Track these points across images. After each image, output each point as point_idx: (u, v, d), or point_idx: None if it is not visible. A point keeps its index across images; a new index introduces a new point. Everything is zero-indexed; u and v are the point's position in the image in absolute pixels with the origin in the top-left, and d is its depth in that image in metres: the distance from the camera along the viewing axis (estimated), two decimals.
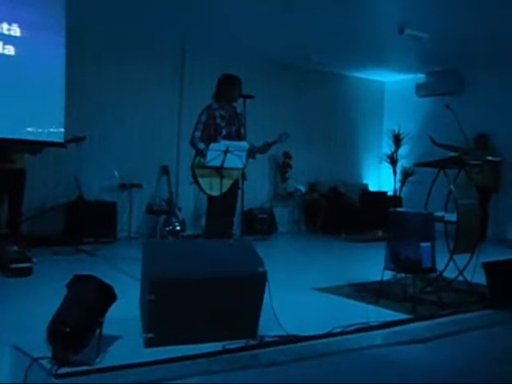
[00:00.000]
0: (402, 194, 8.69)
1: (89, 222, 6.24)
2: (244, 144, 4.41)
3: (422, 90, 8.67)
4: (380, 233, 7.60)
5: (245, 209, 4.54)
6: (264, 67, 7.87)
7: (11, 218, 4.89)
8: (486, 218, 6.86)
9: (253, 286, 2.74)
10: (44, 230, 6.07)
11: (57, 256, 5.34)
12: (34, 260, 4.41)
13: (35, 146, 4.73)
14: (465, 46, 6.78)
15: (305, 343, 2.78)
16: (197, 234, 6.82)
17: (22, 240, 4.80)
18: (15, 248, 4.41)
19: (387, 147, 9.03)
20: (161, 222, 6.71)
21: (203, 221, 6.57)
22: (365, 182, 9.20)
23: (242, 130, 4.67)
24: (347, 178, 8.77)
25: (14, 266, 4.24)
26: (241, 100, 4.55)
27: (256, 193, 7.59)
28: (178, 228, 6.68)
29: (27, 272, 4.29)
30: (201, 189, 4.57)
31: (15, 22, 4.35)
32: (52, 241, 5.88)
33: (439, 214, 3.87)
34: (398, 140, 8.85)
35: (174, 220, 6.70)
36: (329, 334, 2.93)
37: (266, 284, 2.78)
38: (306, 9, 5.61)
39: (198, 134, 4.60)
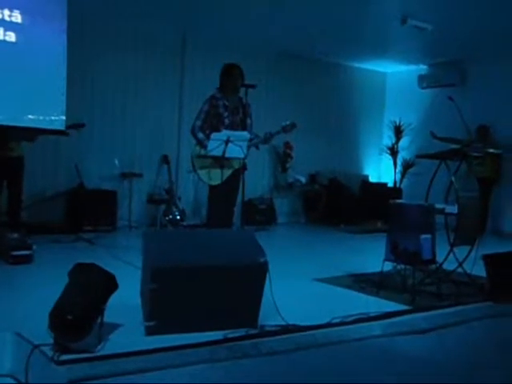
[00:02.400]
0: (402, 186, 8.69)
1: (89, 211, 6.24)
2: (245, 134, 4.39)
3: (424, 81, 8.63)
4: (379, 224, 7.60)
5: (245, 199, 4.53)
6: (266, 57, 7.82)
7: (11, 206, 4.89)
8: (486, 210, 6.87)
9: (254, 275, 2.75)
10: (44, 218, 6.07)
11: (57, 244, 5.36)
12: (35, 247, 4.42)
13: (31, 134, 4.70)
14: (468, 37, 6.74)
15: (305, 333, 2.80)
16: (196, 223, 6.82)
17: (23, 227, 4.80)
18: (16, 235, 4.42)
19: (388, 138, 9.01)
20: (161, 212, 6.72)
21: (203, 211, 6.59)
22: (365, 173, 9.19)
23: (248, 120, 4.64)
24: (347, 169, 8.76)
25: (14, 253, 4.26)
26: (243, 89, 4.52)
27: (256, 183, 7.59)
28: (178, 217, 6.68)
29: (28, 259, 4.31)
30: (200, 179, 4.57)
31: (17, 9, 4.31)
32: (52, 228, 5.88)
33: (440, 206, 3.87)
34: (398, 131, 8.83)
35: (173, 209, 6.71)
36: (328, 324, 2.94)
37: (267, 274, 2.79)
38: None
39: (198, 123, 4.58)
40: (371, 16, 6.13)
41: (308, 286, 3.98)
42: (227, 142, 4.26)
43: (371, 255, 4.55)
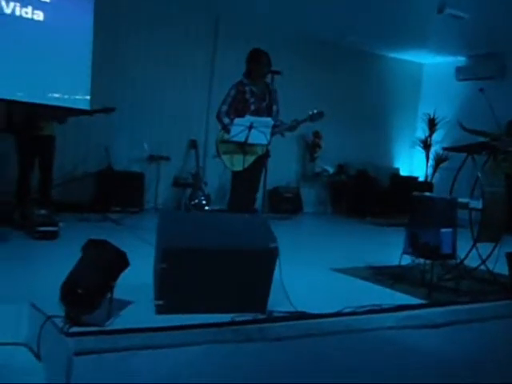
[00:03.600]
0: (434, 180, 8.50)
1: (117, 192, 6.37)
2: (268, 120, 4.36)
3: (461, 73, 8.37)
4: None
5: (271, 187, 4.53)
6: (297, 43, 7.74)
7: (41, 184, 5.03)
8: None
9: (263, 260, 2.75)
10: (74, 197, 6.22)
11: (84, 222, 5.49)
12: (61, 224, 4.55)
13: (60, 113, 4.80)
14: (508, 28, 6.47)
15: (313, 320, 2.78)
16: (222, 208, 6.86)
17: (52, 205, 4.93)
18: (43, 212, 4.55)
19: (421, 131, 8.81)
20: (186, 196, 6.79)
21: (228, 196, 6.63)
22: (396, 165, 9.02)
23: (275, 107, 4.62)
24: (377, 160, 8.61)
25: (41, 228, 4.39)
26: (269, 76, 4.49)
27: (283, 171, 7.56)
28: (204, 202, 6.74)
29: (53, 235, 4.44)
30: (223, 164, 4.59)
31: None
32: (81, 207, 6.03)
33: (464, 200, 3.76)
34: (432, 124, 8.62)
35: (199, 194, 6.77)
36: (338, 314, 2.92)
37: (277, 260, 2.78)
38: None
39: (224, 108, 4.59)
40: (407, 3, 5.97)
41: (324, 275, 3.95)
42: (250, 127, 4.25)
43: (394, 249, 4.45)
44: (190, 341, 2.46)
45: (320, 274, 3.96)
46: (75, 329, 2.37)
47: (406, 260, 3.82)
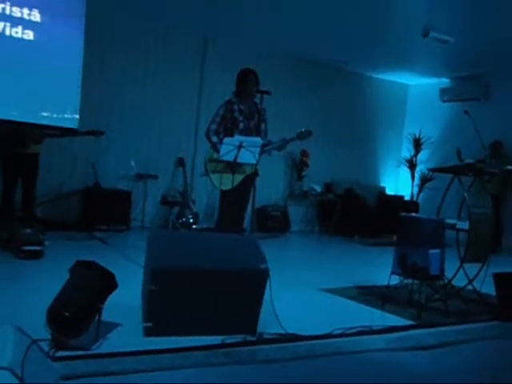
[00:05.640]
0: (420, 200, 8.58)
1: (103, 210, 6.31)
2: (257, 140, 4.38)
3: (446, 94, 8.53)
4: (395, 237, 7.50)
5: (258, 205, 4.53)
6: (285, 63, 7.83)
7: (24, 202, 4.97)
8: (499, 227, 6.70)
9: (254, 281, 2.74)
10: (60, 215, 6.15)
11: (70, 241, 5.42)
12: (47, 243, 4.49)
13: (48, 134, 4.76)
14: (492, 50, 6.63)
15: (303, 342, 2.76)
16: (210, 227, 6.83)
17: (37, 223, 4.86)
18: (28, 231, 4.48)
19: (407, 151, 8.92)
20: (174, 214, 6.76)
21: (217, 214, 6.60)
22: (382, 184, 9.10)
23: (263, 126, 4.64)
24: (364, 179, 8.69)
25: (26, 248, 4.32)
26: (258, 95, 4.52)
27: (270, 190, 7.58)
28: (191, 220, 6.71)
29: (38, 255, 4.37)
30: (212, 183, 4.58)
31: (36, 8, 4.39)
32: (67, 226, 5.96)
33: (451, 221, 3.80)
34: (418, 144, 8.73)
35: (187, 212, 6.74)
36: (329, 335, 2.91)
37: (268, 281, 2.77)
38: (329, 7, 5.56)
39: (213, 126, 4.60)
40: (393, 27, 6.10)
41: (312, 295, 3.94)
42: (240, 147, 4.26)
43: (381, 268, 4.47)
44: (179, 364, 2.42)
45: (308, 294, 3.95)
46: (62, 353, 2.33)
47: (394, 280, 3.83)
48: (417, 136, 8.72)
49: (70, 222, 6.14)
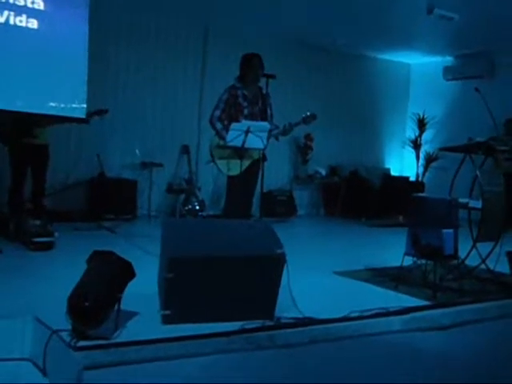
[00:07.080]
0: (425, 180, 8.55)
1: (110, 199, 6.29)
2: (265, 124, 4.35)
3: (449, 73, 8.43)
4: (401, 218, 7.50)
5: (264, 190, 4.50)
6: (288, 47, 7.74)
7: (34, 194, 4.95)
8: None
9: (270, 266, 2.73)
10: (66, 206, 6.14)
11: (78, 231, 5.42)
12: (56, 234, 4.48)
13: (56, 122, 4.73)
14: (497, 27, 6.52)
15: (321, 326, 2.76)
16: (216, 214, 6.83)
17: (46, 215, 4.86)
18: (38, 222, 4.48)
19: (411, 131, 8.86)
20: (180, 201, 6.74)
21: (222, 201, 6.59)
22: (387, 166, 9.06)
23: (269, 111, 4.60)
24: (369, 161, 8.64)
25: (36, 239, 4.32)
26: (264, 79, 4.48)
27: (276, 174, 7.55)
28: (197, 208, 6.70)
29: (49, 246, 4.37)
30: (219, 169, 4.56)
31: None
32: (74, 216, 5.95)
33: (463, 200, 3.78)
34: (422, 124, 8.67)
35: (193, 199, 6.72)
36: (346, 318, 2.90)
37: (285, 265, 2.76)
38: None
39: (217, 113, 4.56)
40: (396, 5, 5.99)
41: (327, 279, 3.94)
42: (247, 132, 4.23)
43: (391, 249, 4.48)
44: (199, 351, 2.42)
45: (322, 277, 3.95)
46: (82, 342, 2.33)
47: (407, 261, 3.82)
48: (421, 116, 8.65)
49: (76, 212, 6.13)
